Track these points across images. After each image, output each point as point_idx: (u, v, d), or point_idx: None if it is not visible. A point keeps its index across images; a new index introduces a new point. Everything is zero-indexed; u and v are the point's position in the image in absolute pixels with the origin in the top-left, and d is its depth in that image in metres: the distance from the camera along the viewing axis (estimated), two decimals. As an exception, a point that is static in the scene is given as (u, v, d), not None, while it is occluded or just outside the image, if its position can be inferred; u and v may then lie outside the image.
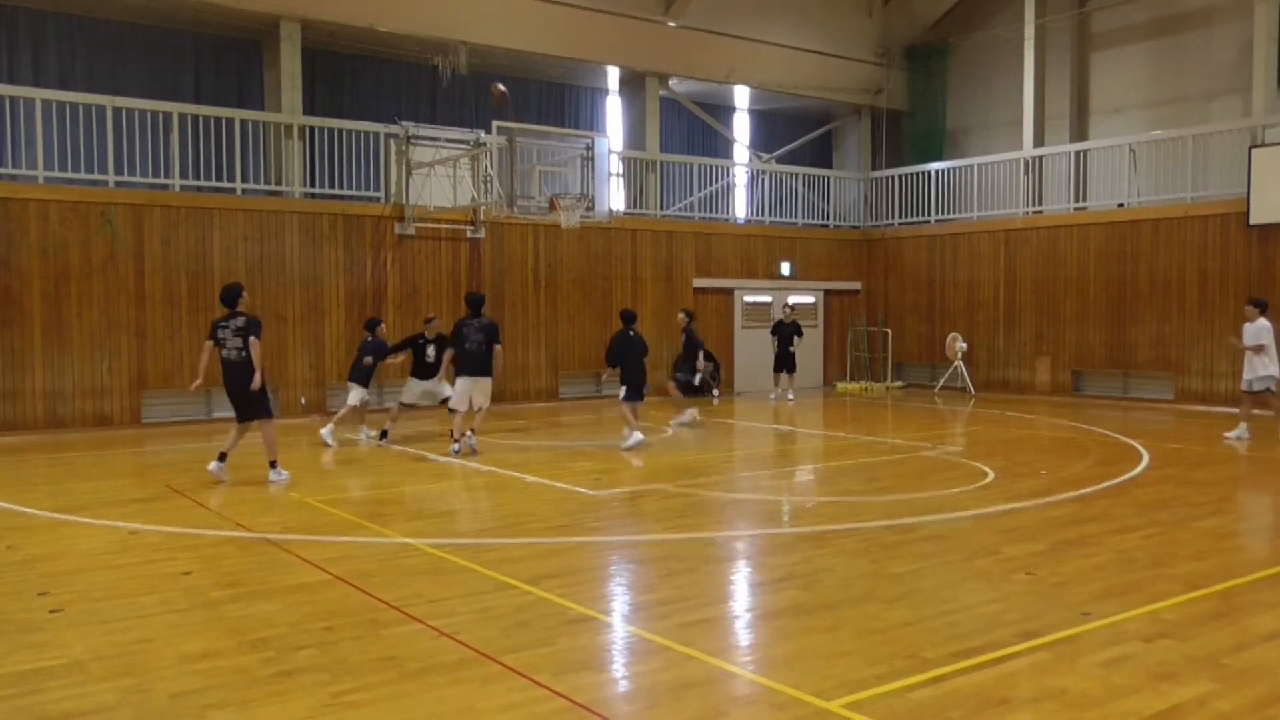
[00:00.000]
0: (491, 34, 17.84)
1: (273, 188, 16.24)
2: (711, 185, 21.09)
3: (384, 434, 12.87)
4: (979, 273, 20.46)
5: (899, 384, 21.45)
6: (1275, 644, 5.15)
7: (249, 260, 15.33)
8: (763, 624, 5.71)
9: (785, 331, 18.98)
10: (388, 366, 13.42)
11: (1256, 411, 13.33)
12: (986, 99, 22.28)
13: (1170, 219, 17.53)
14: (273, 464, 9.96)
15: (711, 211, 21.06)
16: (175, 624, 5.53)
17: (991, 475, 10.27)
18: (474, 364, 11.84)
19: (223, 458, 9.99)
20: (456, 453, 11.62)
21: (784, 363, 19.02)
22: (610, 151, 16.64)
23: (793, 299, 20.85)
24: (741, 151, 23.25)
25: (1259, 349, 12.83)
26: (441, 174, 16.35)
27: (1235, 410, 14.58)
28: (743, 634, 5.57)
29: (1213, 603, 5.86)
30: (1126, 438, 13.24)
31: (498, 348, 12.00)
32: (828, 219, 22.63)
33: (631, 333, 12.87)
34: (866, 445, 13.05)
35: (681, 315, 15.91)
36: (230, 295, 9.84)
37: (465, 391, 11.91)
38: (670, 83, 20.90)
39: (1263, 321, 12.94)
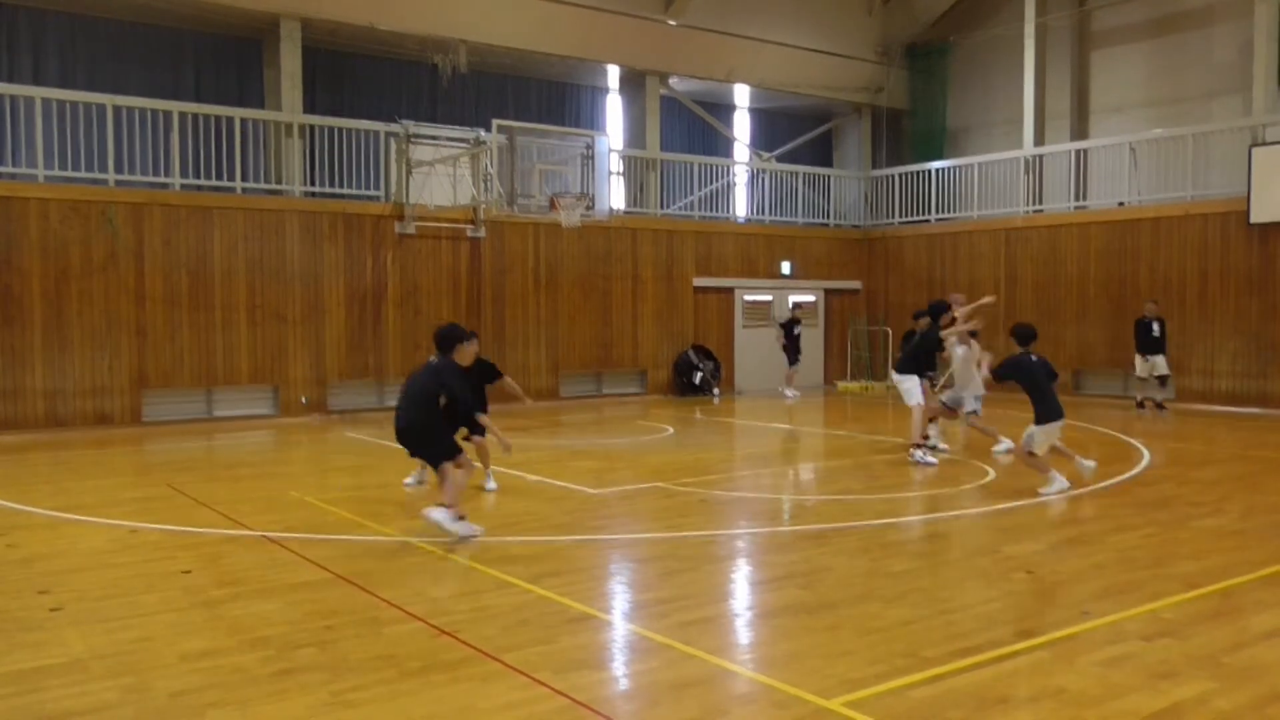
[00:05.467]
0: (491, 32, 17.83)
1: (273, 187, 16.24)
2: (712, 184, 21.08)
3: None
4: (979, 272, 20.45)
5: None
6: (1275, 643, 5.15)
7: (249, 259, 15.33)
8: (763, 622, 5.71)
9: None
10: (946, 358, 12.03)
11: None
12: (987, 98, 22.27)
13: (1170, 218, 17.52)
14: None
15: (712, 210, 21.05)
16: (175, 623, 5.53)
17: (992, 474, 10.27)
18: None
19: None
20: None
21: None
22: (610, 150, 16.66)
23: (794, 298, 20.94)
24: (742, 150, 23.25)
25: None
26: (442, 173, 16.34)
27: (1238, 409, 14.58)
28: (743, 632, 5.57)
29: (1212, 602, 5.86)
30: (1127, 437, 13.24)
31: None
32: (828, 218, 22.62)
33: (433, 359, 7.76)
34: (867, 444, 13.04)
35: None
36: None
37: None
38: (670, 81, 20.89)
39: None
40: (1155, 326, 16.13)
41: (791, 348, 19.40)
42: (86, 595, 6.05)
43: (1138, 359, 16.32)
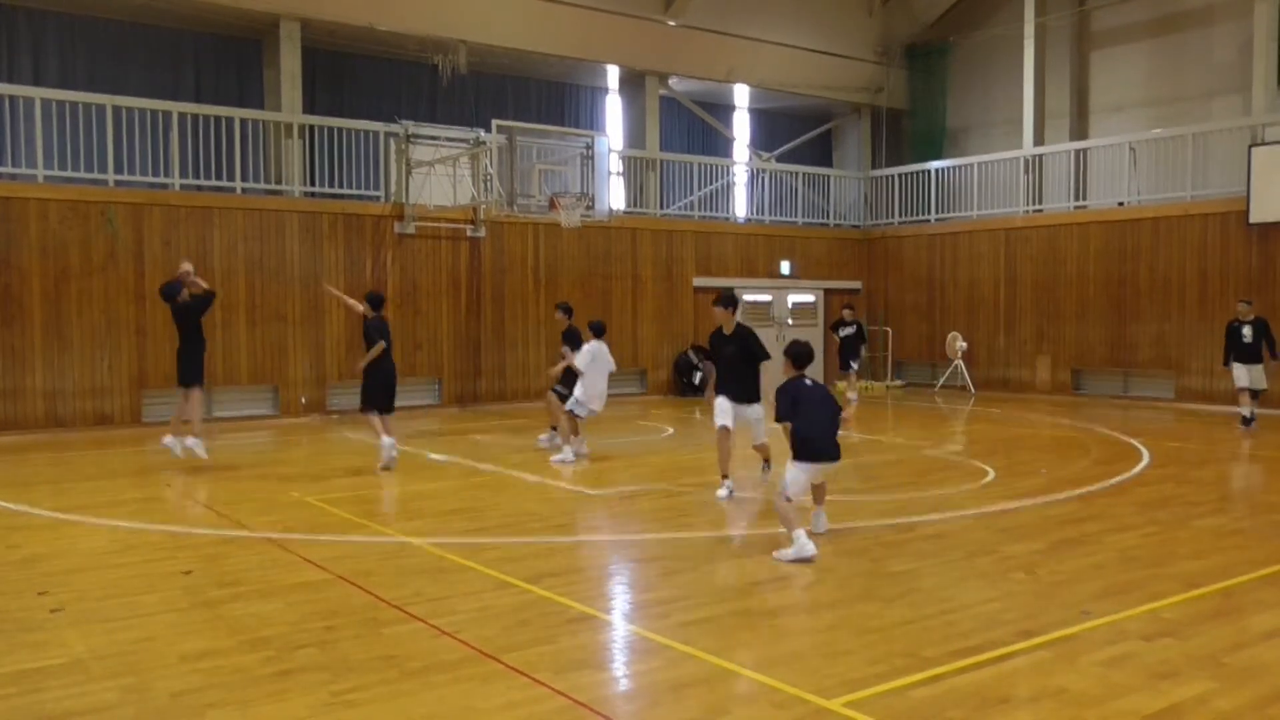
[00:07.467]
0: (491, 33, 17.83)
1: (273, 187, 16.24)
2: (711, 184, 21.08)
3: None
4: (979, 272, 20.46)
5: (899, 383, 21.45)
6: (1275, 642, 5.15)
7: (249, 260, 15.32)
8: (763, 622, 5.71)
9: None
10: None
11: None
12: (986, 98, 22.28)
13: (1170, 218, 17.53)
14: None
15: (711, 210, 21.05)
16: (175, 623, 5.53)
17: (992, 474, 10.27)
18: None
19: None
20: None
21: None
22: (610, 150, 16.64)
23: (793, 298, 20.91)
24: (741, 150, 23.24)
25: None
26: (441, 173, 16.34)
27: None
28: (743, 632, 5.56)
29: (1213, 601, 5.86)
30: (1126, 436, 13.24)
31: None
32: (828, 218, 22.62)
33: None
34: (867, 444, 13.03)
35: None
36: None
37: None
38: (670, 81, 20.89)
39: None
40: (1247, 331, 13.93)
41: (844, 350, 18.04)
42: (87, 596, 6.05)
43: (1236, 367, 13.97)
